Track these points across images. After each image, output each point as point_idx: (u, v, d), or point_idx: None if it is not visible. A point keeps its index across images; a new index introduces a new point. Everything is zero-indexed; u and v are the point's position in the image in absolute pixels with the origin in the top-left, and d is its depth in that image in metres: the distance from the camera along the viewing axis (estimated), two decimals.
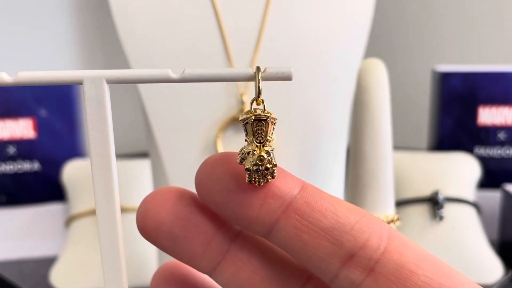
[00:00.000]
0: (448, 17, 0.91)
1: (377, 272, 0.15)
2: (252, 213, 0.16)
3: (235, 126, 0.40)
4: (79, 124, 0.76)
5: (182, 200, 0.17)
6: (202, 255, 0.17)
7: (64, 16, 0.89)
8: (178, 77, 0.16)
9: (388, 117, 0.38)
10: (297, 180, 0.16)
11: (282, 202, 0.15)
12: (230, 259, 0.17)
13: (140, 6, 0.39)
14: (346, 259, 0.15)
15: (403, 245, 0.15)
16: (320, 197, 0.15)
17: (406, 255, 0.15)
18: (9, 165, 0.73)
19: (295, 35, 0.40)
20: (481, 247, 0.66)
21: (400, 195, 0.69)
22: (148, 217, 0.17)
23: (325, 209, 0.15)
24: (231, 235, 0.17)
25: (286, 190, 0.15)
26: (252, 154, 0.16)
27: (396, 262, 0.14)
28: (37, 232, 0.73)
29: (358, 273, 0.15)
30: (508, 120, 0.74)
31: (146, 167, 0.69)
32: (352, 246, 0.15)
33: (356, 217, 0.15)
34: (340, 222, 0.15)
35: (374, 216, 0.15)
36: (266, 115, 0.16)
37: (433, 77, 0.78)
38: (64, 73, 0.16)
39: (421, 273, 0.14)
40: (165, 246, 0.17)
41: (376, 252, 0.15)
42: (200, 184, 0.16)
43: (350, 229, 0.15)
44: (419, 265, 0.14)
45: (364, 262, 0.15)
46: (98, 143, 0.16)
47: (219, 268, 0.17)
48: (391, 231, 0.15)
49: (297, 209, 0.15)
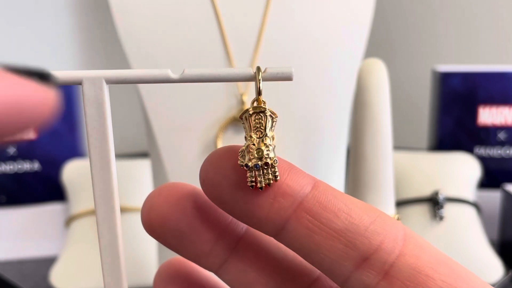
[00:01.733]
0: (448, 17, 0.91)
1: (391, 276, 0.14)
2: (262, 212, 0.15)
3: (235, 126, 0.40)
4: (79, 124, 0.76)
5: (188, 196, 0.16)
6: (209, 253, 0.16)
7: (64, 16, 0.89)
8: (178, 77, 0.16)
9: (388, 117, 0.38)
10: (308, 177, 0.15)
11: (293, 201, 0.15)
12: (236, 258, 0.17)
13: (140, 6, 0.39)
14: (360, 262, 0.14)
15: (419, 247, 0.14)
16: (333, 196, 0.15)
17: (422, 259, 0.14)
18: (9, 165, 0.73)
19: (296, 35, 0.40)
20: (481, 247, 0.65)
21: (400, 195, 0.69)
22: (153, 213, 0.16)
23: (338, 209, 0.14)
24: (238, 232, 0.17)
25: (297, 188, 0.15)
26: (250, 148, 0.15)
27: (411, 266, 0.14)
28: (37, 232, 0.73)
29: (372, 277, 0.14)
30: (508, 120, 0.74)
31: (146, 167, 0.68)
32: (366, 249, 0.14)
33: (370, 218, 0.14)
34: (354, 223, 0.14)
35: (389, 216, 0.15)
36: (264, 107, 0.15)
37: (433, 77, 0.78)
38: (63, 73, 0.15)
39: (438, 277, 0.14)
40: (171, 243, 0.16)
41: (391, 255, 0.14)
42: (206, 180, 0.15)
43: (364, 231, 0.14)
44: (436, 269, 0.14)
45: (379, 265, 0.14)
46: (98, 143, 0.16)
47: (225, 266, 0.17)
48: (406, 232, 0.15)
49: (308, 208, 0.15)
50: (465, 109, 0.75)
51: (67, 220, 0.69)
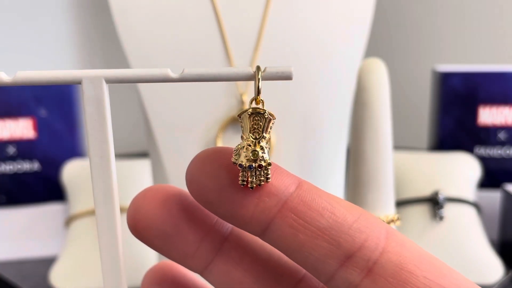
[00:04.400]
0: (448, 17, 0.91)
1: (375, 273, 0.14)
2: (247, 212, 0.15)
3: (235, 126, 0.40)
4: (79, 124, 0.76)
5: (173, 198, 0.16)
6: (194, 254, 0.17)
7: (64, 15, 0.89)
8: (178, 77, 0.16)
9: (388, 117, 0.38)
10: (293, 177, 0.15)
11: (278, 201, 0.15)
12: (222, 258, 0.17)
13: (140, 5, 0.39)
14: (344, 260, 0.14)
15: (401, 245, 0.15)
16: (317, 195, 0.15)
17: (405, 256, 0.14)
18: (9, 165, 0.73)
19: (295, 34, 0.40)
20: (481, 247, 0.65)
21: (400, 195, 0.69)
22: (138, 215, 0.16)
23: (322, 208, 0.15)
24: (223, 233, 0.17)
25: (281, 188, 0.15)
26: (246, 148, 0.15)
27: (394, 263, 0.14)
28: (37, 232, 0.73)
29: (356, 274, 0.14)
30: (508, 120, 0.74)
31: (146, 167, 0.68)
32: (350, 247, 0.14)
33: (354, 217, 0.15)
34: (338, 221, 0.14)
35: (372, 215, 0.15)
36: (264, 109, 0.15)
37: (433, 77, 0.78)
38: (62, 73, 0.15)
39: (420, 274, 0.14)
40: (156, 245, 0.17)
41: (375, 253, 0.14)
42: (192, 181, 0.15)
43: (348, 229, 0.14)
44: (418, 266, 0.14)
45: (362, 263, 0.14)
46: (97, 143, 0.16)
47: (211, 267, 0.17)
48: (389, 230, 0.15)
49: (293, 208, 0.15)
50: (465, 109, 0.75)
51: (67, 220, 0.69)
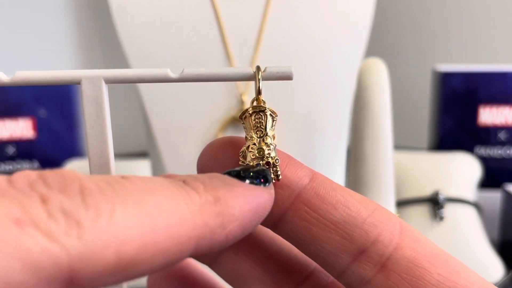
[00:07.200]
0: (448, 17, 0.91)
1: (388, 269, 0.14)
2: None
3: (235, 126, 0.39)
4: (78, 124, 0.76)
5: None
6: None
7: (64, 15, 0.89)
8: (177, 77, 0.16)
9: (389, 117, 0.38)
10: (306, 169, 0.15)
11: (291, 193, 0.15)
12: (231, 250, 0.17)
13: (140, 5, 0.39)
14: (357, 254, 0.14)
15: (416, 240, 0.14)
16: (331, 188, 0.15)
17: (419, 252, 0.14)
18: (8, 165, 0.73)
19: (296, 34, 0.39)
20: (481, 247, 0.65)
21: (400, 195, 0.69)
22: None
23: (336, 201, 0.14)
24: None
25: (295, 180, 0.15)
26: (251, 148, 0.15)
27: (408, 259, 0.14)
28: None
29: (369, 269, 0.14)
30: (508, 120, 0.74)
31: (146, 167, 0.68)
32: (364, 241, 0.14)
33: (368, 211, 0.14)
34: (352, 215, 0.14)
35: (386, 210, 0.15)
36: (264, 106, 0.15)
37: (434, 77, 0.78)
38: (62, 73, 0.15)
39: (434, 271, 0.14)
40: None
41: (388, 248, 0.14)
42: (203, 169, 0.15)
43: (361, 223, 0.14)
44: (432, 262, 0.14)
45: (376, 258, 0.14)
46: (96, 143, 0.16)
47: (220, 259, 0.17)
48: (403, 225, 0.15)
49: (306, 200, 0.14)
50: (465, 109, 0.75)
51: None
